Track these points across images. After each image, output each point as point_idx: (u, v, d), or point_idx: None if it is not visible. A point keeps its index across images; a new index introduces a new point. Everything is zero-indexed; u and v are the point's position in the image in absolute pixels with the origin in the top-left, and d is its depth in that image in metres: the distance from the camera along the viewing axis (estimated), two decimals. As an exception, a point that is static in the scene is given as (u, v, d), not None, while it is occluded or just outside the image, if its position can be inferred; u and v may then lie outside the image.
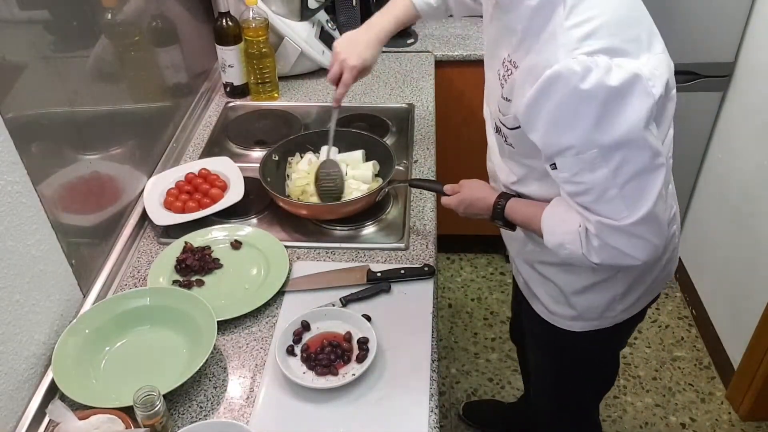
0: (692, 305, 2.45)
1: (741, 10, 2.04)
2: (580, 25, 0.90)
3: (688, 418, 2.11)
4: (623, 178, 0.94)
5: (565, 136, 0.93)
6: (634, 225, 0.96)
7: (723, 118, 2.24)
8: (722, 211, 2.24)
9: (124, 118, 1.48)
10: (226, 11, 1.79)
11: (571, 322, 1.28)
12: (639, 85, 0.90)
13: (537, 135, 0.96)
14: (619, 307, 1.24)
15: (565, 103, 0.90)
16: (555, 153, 0.96)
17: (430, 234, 1.42)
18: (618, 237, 0.98)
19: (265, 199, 1.49)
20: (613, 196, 0.95)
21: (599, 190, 0.95)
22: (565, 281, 1.23)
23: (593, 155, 0.92)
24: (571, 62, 0.88)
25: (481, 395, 2.19)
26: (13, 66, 1.07)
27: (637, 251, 1.00)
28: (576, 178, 0.96)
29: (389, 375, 1.12)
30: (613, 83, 0.88)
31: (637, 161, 0.93)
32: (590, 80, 0.87)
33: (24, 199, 1.07)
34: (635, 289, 1.23)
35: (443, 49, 2.15)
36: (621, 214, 0.96)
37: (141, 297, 1.22)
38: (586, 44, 0.89)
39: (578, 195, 0.98)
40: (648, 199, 0.95)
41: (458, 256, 2.72)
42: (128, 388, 1.00)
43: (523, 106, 0.94)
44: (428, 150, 1.69)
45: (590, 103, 0.89)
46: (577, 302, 1.24)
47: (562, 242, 1.06)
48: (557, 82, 0.89)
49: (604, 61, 0.88)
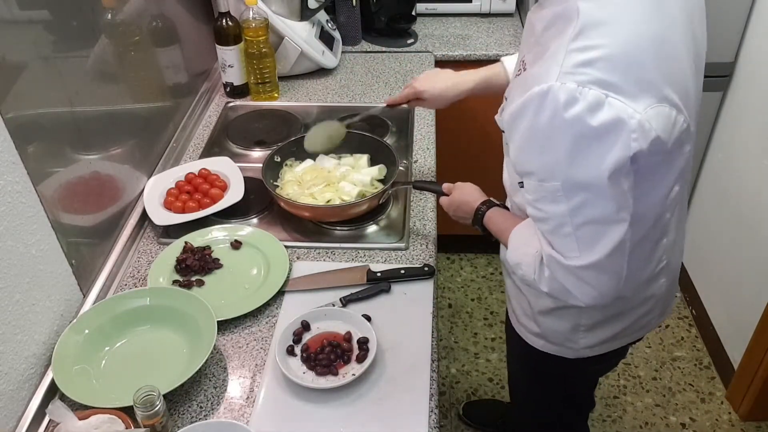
0: (692, 305, 2.45)
1: (741, 10, 2.04)
2: (583, 50, 0.84)
3: (688, 418, 2.11)
4: (580, 219, 0.90)
5: (533, 159, 0.90)
6: (580, 269, 0.94)
7: (723, 118, 2.24)
8: (722, 211, 2.24)
9: (124, 118, 1.48)
10: (226, 11, 1.79)
11: (535, 339, 1.27)
12: (619, 134, 0.84)
13: (512, 147, 0.94)
14: (582, 341, 1.22)
15: (542, 126, 0.86)
16: (523, 172, 0.94)
17: (430, 234, 1.42)
18: (564, 275, 0.96)
19: (265, 199, 1.49)
20: (568, 233, 0.92)
21: (555, 223, 0.93)
22: (532, 297, 1.22)
23: (555, 187, 0.89)
24: (560, 87, 0.83)
25: (481, 395, 2.19)
26: (13, 66, 1.07)
27: (582, 294, 0.97)
28: (537, 204, 0.94)
29: (389, 375, 1.12)
30: (593, 123, 0.83)
31: (598, 209, 0.89)
32: (572, 112, 0.83)
33: (24, 199, 1.07)
34: (603, 328, 1.20)
35: (443, 49, 2.15)
36: (571, 254, 0.94)
37: (141, 297, 1.22)
38: (581, 71, 0.83)
39: (537, 221, 0.97)
40: (600, 249, 0.92)
41: (458, 256, 2.73)
42: (128, 388, 1.00)
43: (509, 113, 0.92)
44: (428, 150, 1.69)
45: (564, 134, 0.85)
46: (542, 321, 1.23)
47: (519, 262, 1.06)
48: (541, 102, 0.85)
49: (594, 94, 0.82)
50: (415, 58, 2.13)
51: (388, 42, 2.20)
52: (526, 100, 0.87)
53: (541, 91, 0.85)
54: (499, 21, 2.33)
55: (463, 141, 2.24)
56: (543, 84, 0.85)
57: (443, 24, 2.32)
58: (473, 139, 2.24)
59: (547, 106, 0.85)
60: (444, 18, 2.36)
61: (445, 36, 2.24)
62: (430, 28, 2.29)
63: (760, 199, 2.01)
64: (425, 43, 2.20)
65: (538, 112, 0.86)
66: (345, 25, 2.17)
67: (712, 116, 2.25)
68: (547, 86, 0.84)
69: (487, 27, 2.29)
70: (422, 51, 2.16)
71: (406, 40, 2.20)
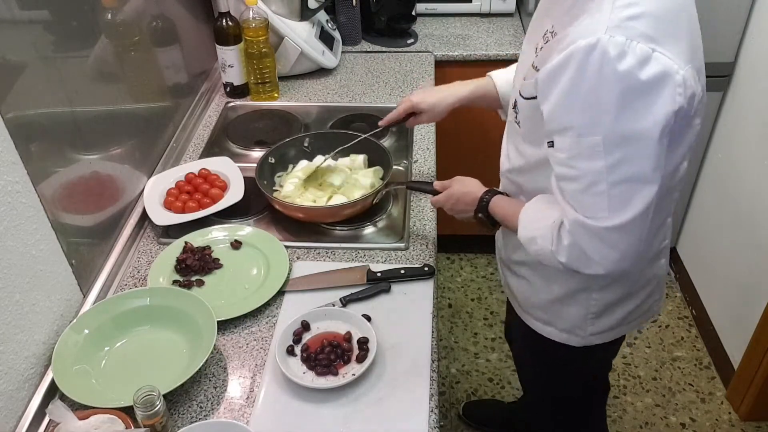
0: (692, 305, 2.45)
1: (741, 10, 2.04)
2: (629, 5, 0.86)
3: (688, 418, 2.11)
4: (616, 176, 0.90)
5: (574, 113, 0.89)
6: (607, 230, 0.93)
7: (723, 118, 2.24)
8: (722, 210, 2.24)
9: (124, 118, 1.48)
10: (226, 11, 1.79)
11: (543, 326, 1.28)
12: (667, 88, 0.86)
13: (548, 105, 0.93)
14: (590, 328, 1.23)
15: (588, 79, 0.86)
16: (558, 129, 0.93)
17: (430, 234, 1.42)
18: (589, 238, 0.95)
19: (264, 199, 1.49)
20: (600, 192, 0.92)
21: (588, 180, 0.92)
22: (542, 286, 1.23)
23: (595, 143, 0.89)
24: (609, 39, 0.84)
25: (481, 395, 2.19)
26: (13, 66, 1.07)
27: (603, 259, 0.96)
28: (571, 162, 0.93)
29: (389, 375, 1.12)
30: (642, 76, 0.84)
31: (635, 166, 0.89)
32: (622, 65, 0.84)
33: (24, 199, 1.07)
34: (611, 314, 1.21)
35: (443, 49, 2.15)
36: (600, 214, 0.93)
37: (141, 297, 1.22)
38: (629, 25, 0.85)
39: (566, 180, 0.95)
40: (631, 210, 0.92)
41: (458, 256, 2.73)
42: (128, 388, 1.00)
43: (546, 70, 0.91)
44: (428, 150, 1.69)
45: (612, 87, 0.85)
46: (551, 309, 1.24)
47: (534, 236, 1.05)
48: (588, 54, 0.85)
49: (642, 48, 0.84)
50: (415, 58, 2.13)
51: (388, 42, 2.20)
52: (569, 54, 0.87)
53: (588, 45, 0.85)
54: (499, 21, 2.33)
55: (463, 141, 2.24)
56: (590, 37, 0.85)
57: (443, 24, 2.32)
58: (473, 138, 2.24)
59: (594, 59, 0.85)
60: (444, 18, 2.36)
61: (445, 36, 2.24)
62: (430, 28, 2.29)
63: (760, 199, 2.01)
64: (425, 43, 2.20)
65: (584, 65, 0.86)
66: (345, 25, 2.17)
67: (712, 116, 2.25)
68: (596, 39, 0.84)
69: (487, 27, 2.29)
70: (422, 51, 2.16)
71: (406, 40, 2.20)
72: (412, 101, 1.40)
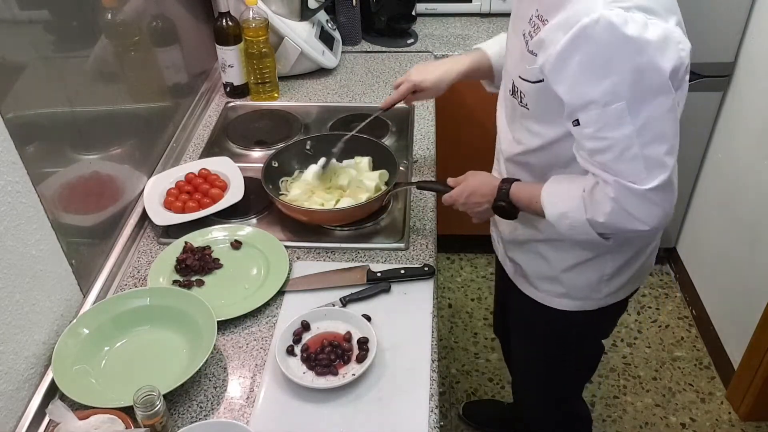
0: (692, 305, 2.45)
1: (741, 10, 2.04)
2: None
3: (688, 418, 2.11)
4: (647, 136, 0.94)
5: (594, 87, 0.93)
6: (652, 191, 0.97)
7: (723, 118, 2.24)
8: (722, 211, 2.24)
9: (124, 118, 1.48)
10: (226, 11, 1.79)
11: (559, 299, 1.30)
12: (672, 44, 0.91)
13: (563, 87, 0.96)
14: (604, 290, 1.26)
15: (600, 50, 0.90)
16: (580, 106, 0.95)
17: (430, 234, 1.42)
18: (635, 201, 0.98)
19: (265, 199, 1.49)
20: (634, 156, 0.95)
21: (621, 147, 0.95)
22: (555, 257, 1.25)
23: (620, 108, 0.92)
24: (610, 12, 0.89)
25: (481, 395, 2.19)
26: (13, 66, 1.07)
27: (648, 217, 1.00)
28: (599, 134, 0.96)
29: (389, 375, 1.12)
30: (650, 37, 0.89)
31: (661, 123, 0.94)
32: (628, 30, 0.88)
33: (24, 199, 1.07)
34: (623, 273, 1.25)
35: (443, 49, 2.15)
36: (640, 176, 0.96)
37: (141, 297, 1.22)
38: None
39: (599, 152, 0.98)
40: (667, 166, 0.96)
41: (458, 256, 2.73)
42: (128, 388, 1.00)
43: (554, 55, 0.94)
44: (428, 150, 1.69)
45: (624, 52, 0.89)
46: (565, 279, 1.26)
47: (564, 211, 1.06)
48: (594, 29, 0.89)
49: (640, 16, 0.90)
50: (415, 58, 2.13)
51: (388, 42, 2.20)
52: (575, 34, 0.91)
53: (591, 21, 0.89)
54: (499, 21, 2.33)
55: (463, 141, 2.24)
56: (592, 14, 0.89)
57: (443, 24, 2.32)
58: (473, 138, 2.24)
59: (602, 31, 0.89)
60: (444, 18, 2.36)
61: (445, 36, 2.24)
62: (430, 28, 2.29)
63: (760, 199, 2.01)
64: (425, 43, 2.20)
65: (592, 38, 0.90)
66: (345, 25, 2.17)
67: (712, 116, 2.25)
68: (597, 14, 0.89)
69: (487, 27, 2.29)
70: (422, 51, 2.16)
71: (406, 40, 2.20)
72: (414, 81, 1.40)
